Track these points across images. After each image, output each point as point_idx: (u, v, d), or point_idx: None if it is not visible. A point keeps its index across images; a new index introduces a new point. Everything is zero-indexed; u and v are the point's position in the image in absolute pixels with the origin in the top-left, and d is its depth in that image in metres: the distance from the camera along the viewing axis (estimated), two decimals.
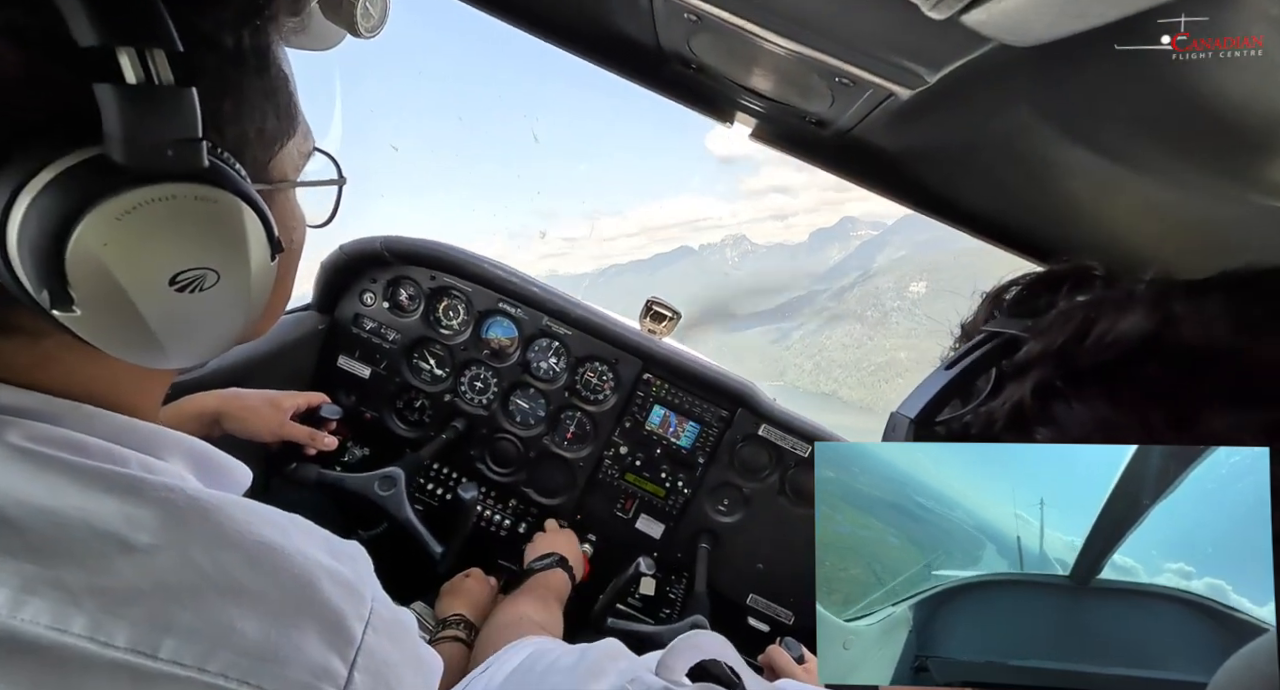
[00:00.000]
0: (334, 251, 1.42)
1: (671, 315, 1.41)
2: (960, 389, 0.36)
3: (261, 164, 0.42)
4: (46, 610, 0.31)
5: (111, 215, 0.32)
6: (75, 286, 0.33)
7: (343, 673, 0.37)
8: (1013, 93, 0.55)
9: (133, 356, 0.38)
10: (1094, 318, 0.32)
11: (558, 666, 0.53)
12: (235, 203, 0.36)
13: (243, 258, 0.38)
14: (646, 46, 0.76)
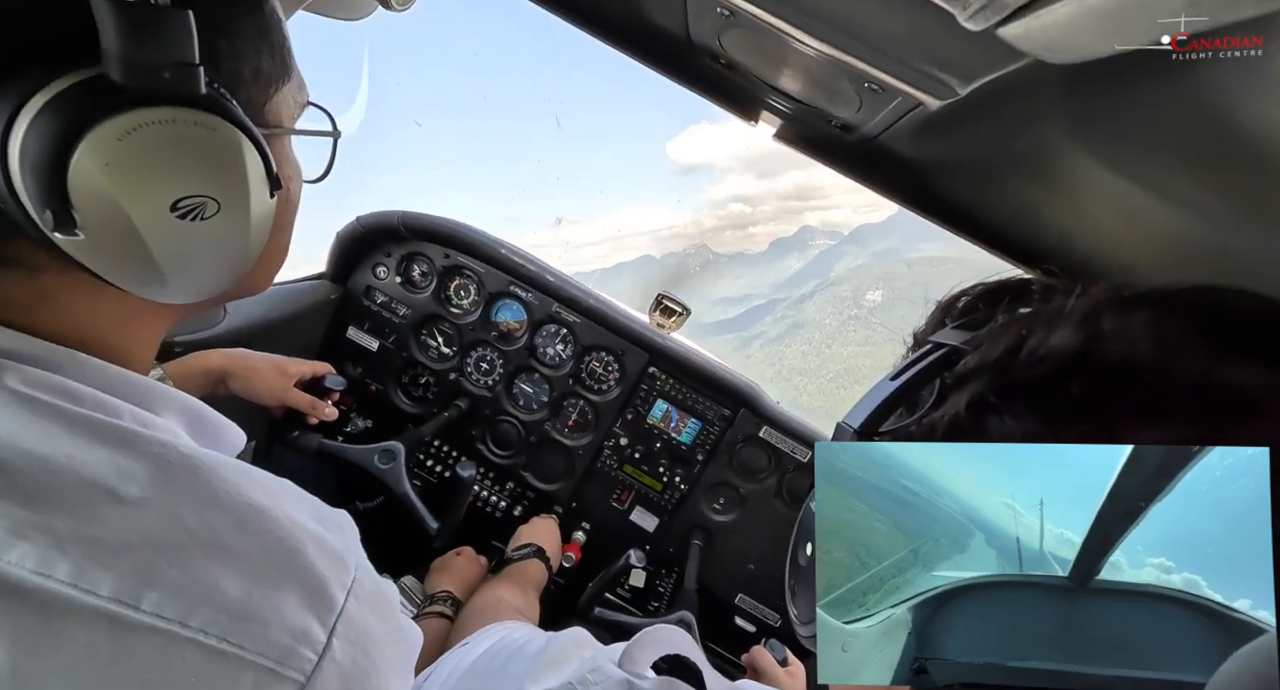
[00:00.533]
0: (350, 222, 1.43)
1: (681, 311, 1.41)
2: (905, 399, 0.36)
3: (257, 105, 0.43)
4: (32, 554, 0.31)
5: (112, 135, 0.33)
6: (78, 208, 0.33)
7: (321, 638, 0.37)
8: (1043, 110, 0.54)
9: (134, 285, 0.38)
10: (1027, 332, 0.32)
11: (523, 653, 0.53)
12: (234, 133, 0.37)
13: (242, 189, 0.39)
14: (677, 38, 0.75)
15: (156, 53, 0.33)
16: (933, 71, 0.54)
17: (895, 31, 0.52)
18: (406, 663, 0.45)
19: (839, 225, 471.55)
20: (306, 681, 0.35)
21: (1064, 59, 0.43)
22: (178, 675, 0.32)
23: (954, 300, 0.40)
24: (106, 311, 0.41)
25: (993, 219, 0.75)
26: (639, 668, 0.50)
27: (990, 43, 0.43)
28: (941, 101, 0.56)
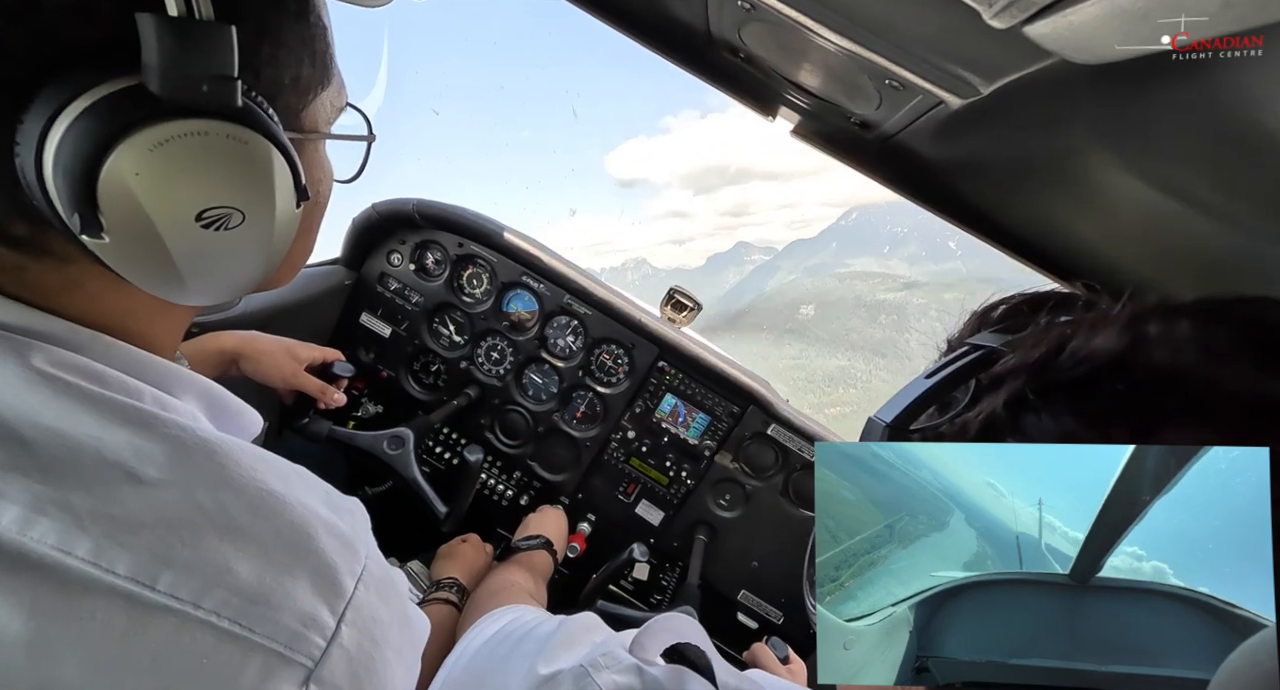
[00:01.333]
0: (366, 209, 1.44)
1: (692, 306, 1.41)
2: (938, 398, 0.37)
3: (294, 112, 0.43)
4: (53, 531, 0.32)
5: (145, 145, 0.33)
6: (105, 213, 0.34)
7: (331, 624, 0.37)
8: (1068, 112, 0.52)
9: (155, 288, 0.39)
10: (1070, 334, 0.33)
11: (535, 634, 0.54)
12: (265, 146, 0.37)
13: (268, 201, 0.39)
14: (696, 30, 0.74)
15: (196, 65, 0.33)
16: (955, 69, 0.53)
17: (918, 28, 0.51)
18: (413, 650, 0.46)
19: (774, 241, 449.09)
20: (314, 667, 0.36)
21: (1091, 59, 0.42)
22: (189, 655, 0.33)
23: (991, 308, 0.41)
24: (132, 302, 0.42)
25: (1011, 221, 0.74)
26: (649, 654, 0.50)
27: (1015, 41, 0.42)
28: (963, 100, 0.55)
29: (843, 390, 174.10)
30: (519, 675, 0.47)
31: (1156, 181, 0.54)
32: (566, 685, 0.44)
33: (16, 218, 0.36)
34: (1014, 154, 0.63)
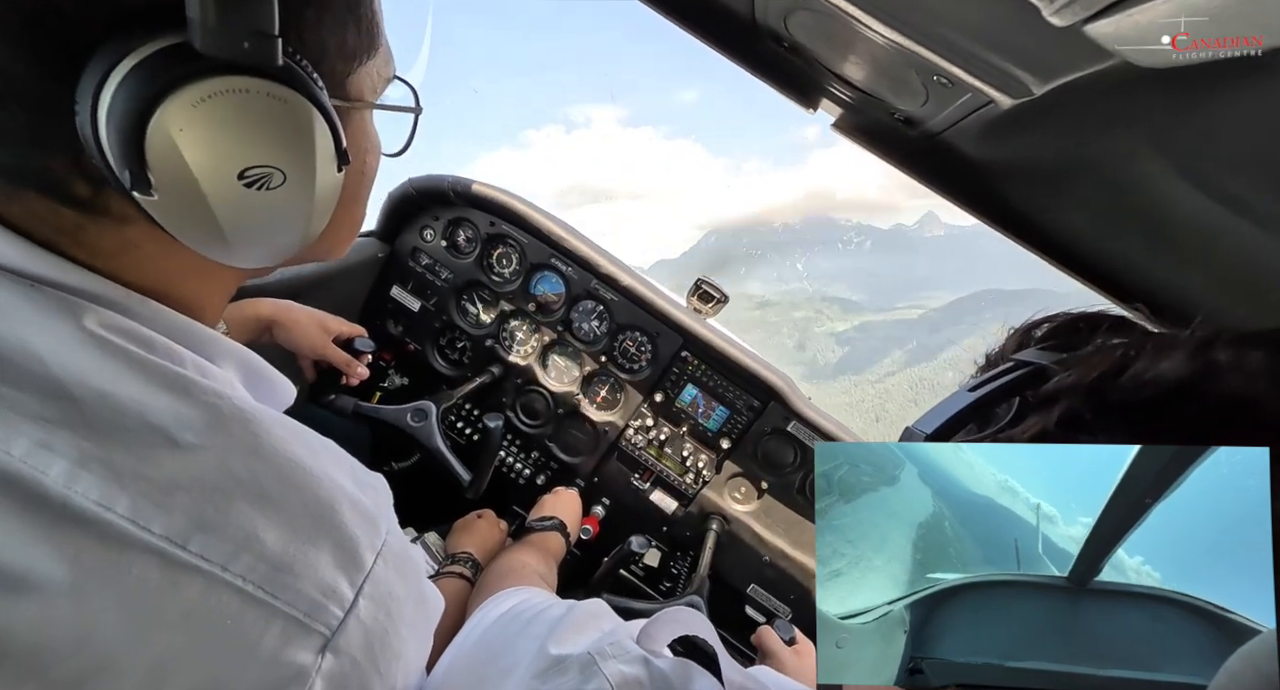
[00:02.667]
0: (402, 183, 1.45)
1: (719, 297, 1.40)
2: (979, 413, 0.36)
3: (339, 78, 0.43)
4: (96, 487, 0.33)
5: (188, 101, 0.34)
6: (153, 169, 0.34)
7: (349, 596, 0.38)
8: (1126, 116, 0.50)
9: (202, 247, 0.40)
10: (1133, 356, 0.32)
11: (544, 617, 0.55)
12: (306, 106, 0.37)
13: (309, 162, 0.39)
14: (741, 18, 0.73)
15: (238, 22, 0.34)
16: (1008, 67, 0.51)
17: (972, 23, 0.50)
18: (427, 625, 0.47)
19: (638, 262, 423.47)
20: (331, 636, 0.37)
21: (1156, 62, 0.40)
22: (216, 615, 0.34)
23: (1035, 325, 0.41)
24: (183, 265, 0.43)
25: (1056, 227, 0.72)
26: (656, 646, 0.50)
27: (1075, 40, 0.40)
28: (1015, 100, 0.53)
29: None
30: (528, 655, 0.48)
31: (1218, 193, 0.51)
32: (574, 672, 0.45)
33: (78, 177, 0.37)
34: (1064, 158, 0.61)
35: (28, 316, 0.36)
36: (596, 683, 0.43)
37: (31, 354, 0.35)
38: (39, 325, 0.36)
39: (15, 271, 0.37)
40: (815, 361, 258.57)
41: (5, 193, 0.37)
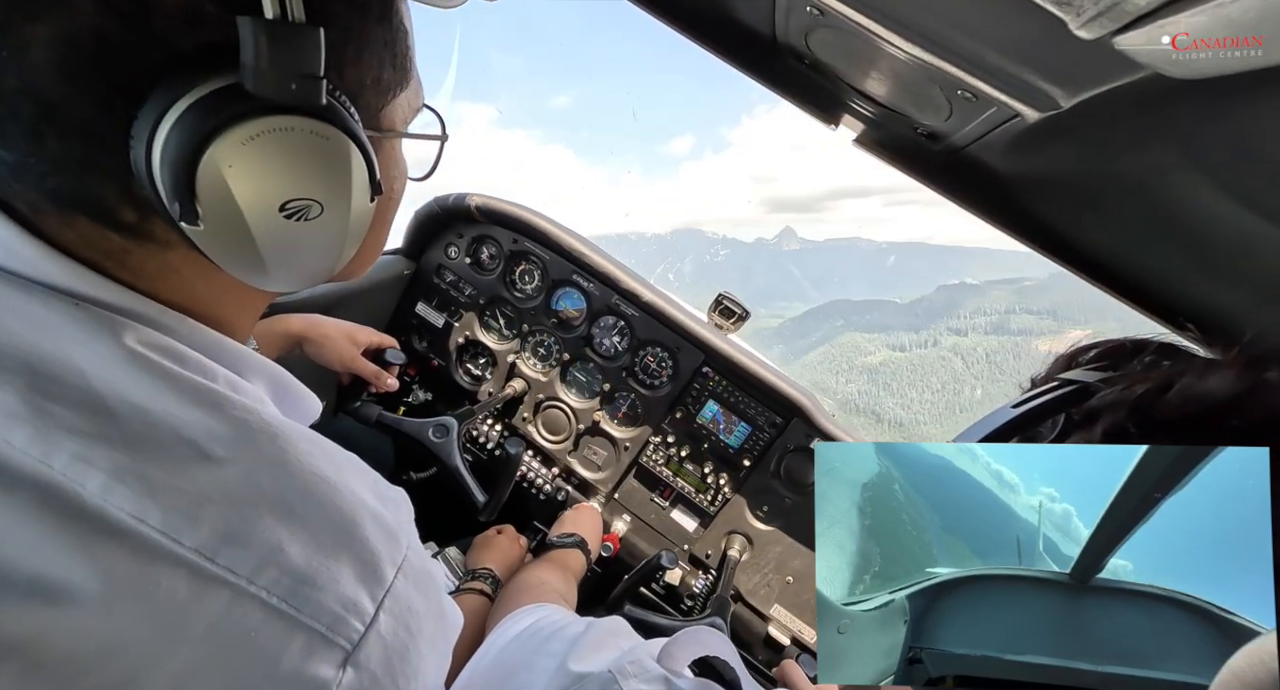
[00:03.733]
0: (428, 202, 1.48)
1: (741, 313, 1.39)
2: (1023, 429, 0.36)
3: (374, 111, 0.45)
4: (130, 499, 0.34)
5: (238, 140, 0.36)
6: (201, 202, 0.36)
7: (370, 610, 0.39)
8: (1158, 129, 0.49)
9: (240, 273, 0.41)
10: (1180, 372, 0.32)
11: (564, 634, 0.54)
12: (345, 142, 0.39)
13: (345, 195, 0.41)
14: (762, 36, 0.73)
15: (287, 65, 0.36)
16: (1034, 81, 0.50)
17: (996, 37, 0.49)
18: (445, 640, 0.47)
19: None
20: (352, 650, 0.37)
21: (1190, 74, 0.39)
22: (240, 627, 0.34)
23: (1082, 350, 0.41)
24: (218, 287, 0.45)
25: (1086, 243, 0.70)
26: (677, 665, 0.50)
27: (1103, 52, 0.39)
28: (1041, 114, 0.53)
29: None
30: (547, 673, 0.47)
31: (1256, 206, 0.50)
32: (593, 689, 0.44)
33: (127, 205, 0.39)
34: (1093, 172, 0.59)
35: (71, 333, 0.37)
36: None
37: (74, 369, 0.36)
38: (81, 342, 0.37)
39: (60, 290, 0.39)
40: None
41: (57, 217, 0.39)
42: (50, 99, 0.34)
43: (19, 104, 0.34)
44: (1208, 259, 0.60)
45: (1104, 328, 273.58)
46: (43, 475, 0.33)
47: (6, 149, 0.36)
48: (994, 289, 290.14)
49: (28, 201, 0.39)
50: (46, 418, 0.34)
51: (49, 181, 0.37)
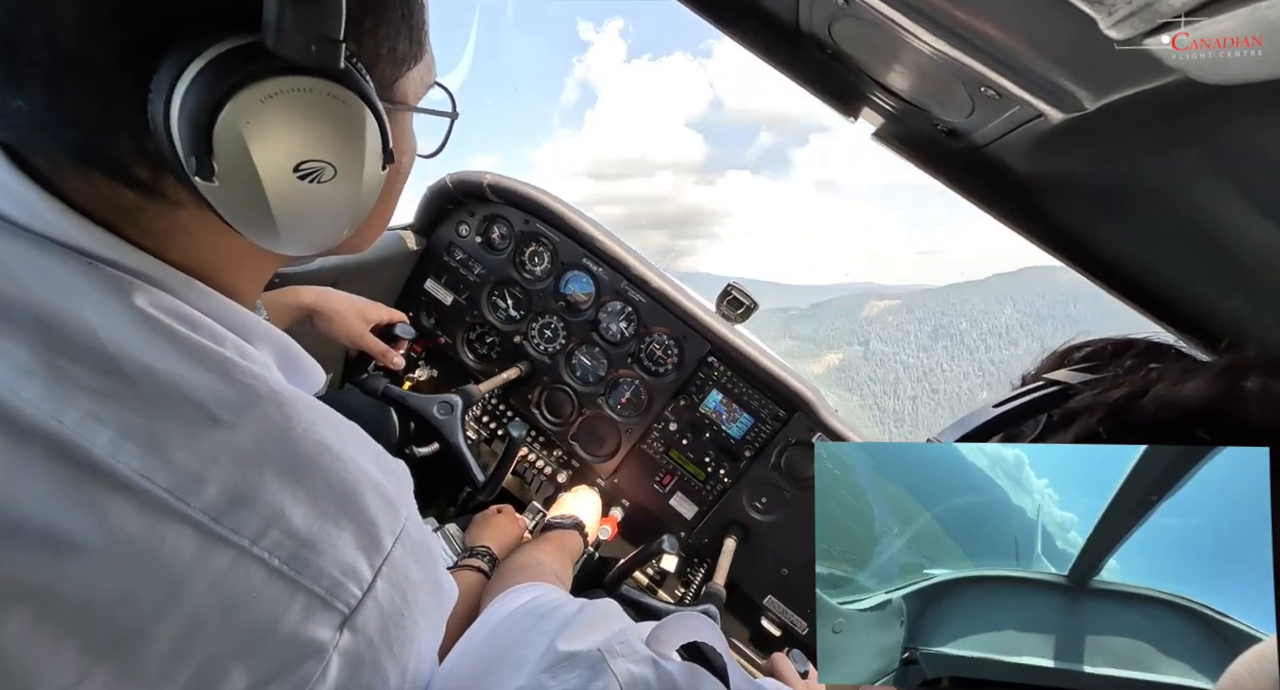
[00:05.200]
0: (441, 179, 1.48)
1: (748, 304, 1.38)
2: (1004, 428, 0.36)
3: (388, 82, 0.45)
4: (138, 457, 0.35)
5: (257, 97, 0.36)
6: (217, 158, 0.36)
7: (368, 577, 0.40)
8: (1185, 134, 0.48)
9: (252, 233, 0.42)
10: (1157, 378, 0.32)
11: (557, 613, 0.55)
12: (360, 107, 0.39)
13: (358, 160, 0.41)
14: (785, 23, 0.72)
15: (307, 26, 0.36)
16: (1061, 81, 0.49)
17: (1024, 34, 0.48)
18: (440, 611, 0.48)
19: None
20: (350, 614, 0.38)
21: (1221, 79, 0.38)
22: (242, 587, 0.35)
23: (1075, 348, 0.41)
24: (228, 250, 0.45)
25: (1104, 247, 0.69)
26: (665, 649, 0.50)
27: (1133, 54, 0.38)
28: (1065, 114, 0.52)
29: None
30: (538, 651, 0.48)
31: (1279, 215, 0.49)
32: (583, 668, 0.45)
33: (142, 161, 0.39)
34: (1115, 175, 0.58)
35: (84, 292, 0.38)
36: (604, 681, 0.44)
37: (87, 329, 0.36)
38: (94, 301, 0.38)
39: (75, 248, 0.39)
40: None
41: (73, 172, 0.40)
42: (71, 49, 0.35)
43: (39, 53, 0.35)
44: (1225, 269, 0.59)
45: (852, 353, 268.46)
46: (54, 430, 0.34)
47: (26, 100, 0.36)
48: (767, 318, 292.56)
49: (47, 155, 0.39)
50: (59, 374, 0.35)
51: (67, 134, 0.38)
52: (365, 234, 0.54)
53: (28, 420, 0.33)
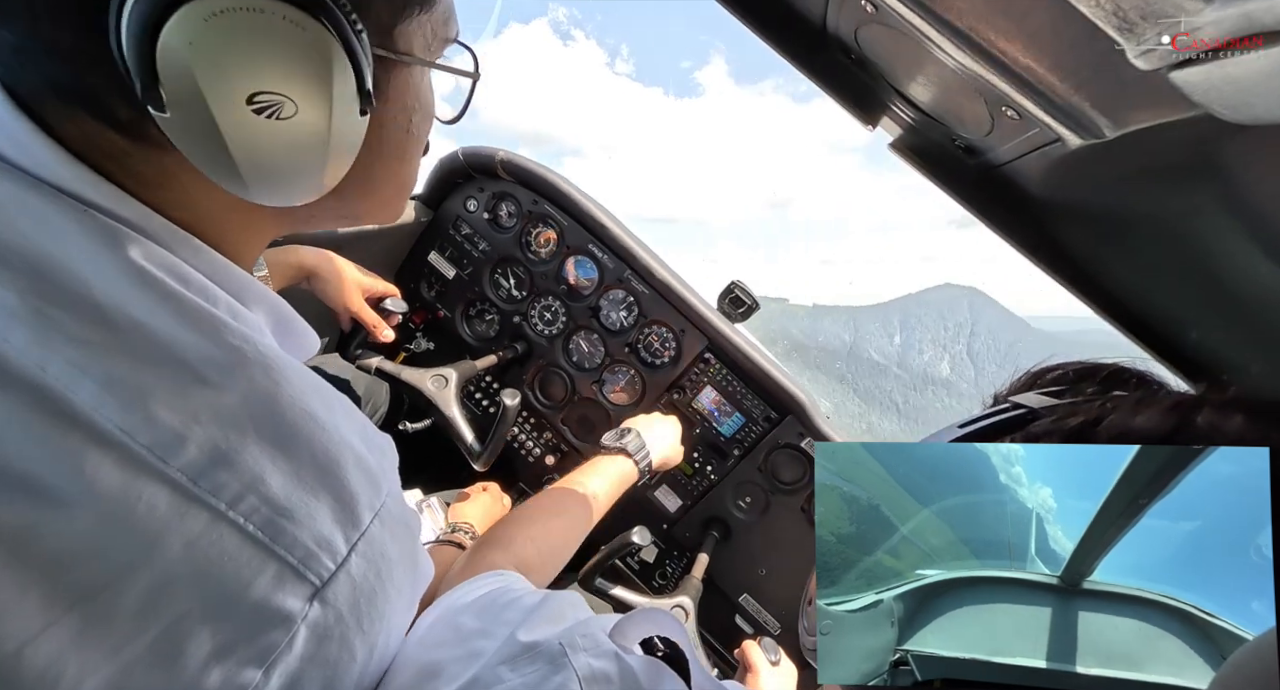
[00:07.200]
0: (452, 152, 1.47)
1: (750, 304, 1.38)
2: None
3: (386, 27, 0.42)
4: (119, 412, 0.34)
5: (200, 14, 0.33)
6: (164, 84, 0.34)
7: (343, 551, 0.39)
8: (1201, 171, 0.48)
9: (213, 173, 0.39)
10: (1111, 408, 0.33)
11: (519, 604, 0.55)
12: (324, 37, 0.36)
13: (323, 97, 0.38)
14: (811, 25, 0.71)
15: None
16: (1082, 107, 0.49)
17: (1050, 56, 0.48)
18: (414, 589, 0.47)
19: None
20: (321, 586, 0.38)
21: (1245, 119, 0.37)
22: (215, 550, 0.35)
23: (1047, 369, 0.42)
24: (221, 205, 0.44)
25: (1108, 277, 0.69)
26: (629, 643, 0.50)
27: (1157, 86, 0.38)
28: (1084, 141, 0.51)
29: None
30: (498, 640, 0.48)
31: None
32: (543, 661, 0.45)
33: (120, 100, 0.37)
34: (1126, 205, 0.58)
35: (79, 241, 0.37)
36: (564, 675, 0.43)
37: (78, 277, 0.36)
38: (88, 251, 0.37)
39: (69, 194, 0.38)
40: None
41: (61, 113, 0.38)
42: None
43: None
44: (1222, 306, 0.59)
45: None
46: (37, 378, 0.33)
47: (10, 29, 0.35)
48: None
49: (33, 91, 0.38)
50: (46, 322, 0.34)
51: (47, 67, 0.36)
52: (382, 198, 0.51)
53: (13, 367, 0.33)
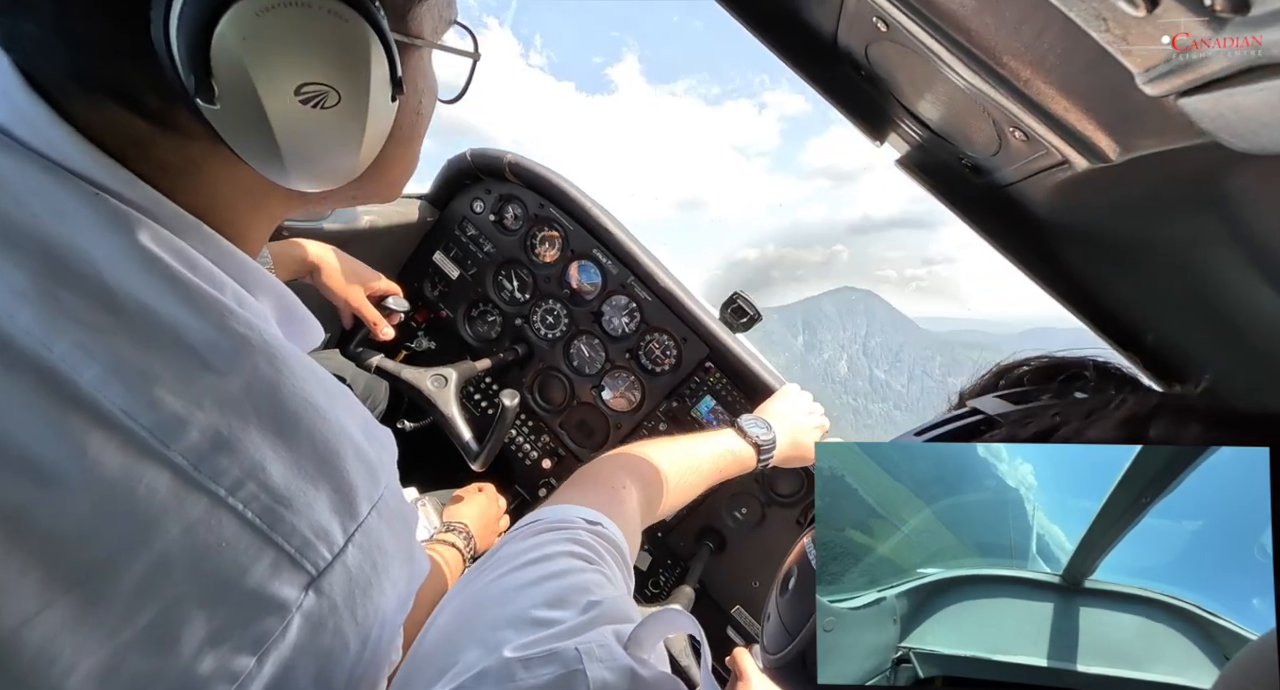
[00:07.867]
0: (460, 153, 1.48)
1: (752, 314, 1.38)
2: None
3: (400, 12, 0.43)
4: (123, 394, 0.35)
5: (253, 10, 0.35)
6: (216, 77, 0.35)
7: (340, 541, 0.39)
8: (1206, 199, 0.48)
9: (257, 161, 0.41)
10: (1064, 420, 0.32)
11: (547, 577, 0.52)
12: (365, 29, 0.38)
13: (364, 85, 0.39)
14: (822, 39, 0.72)
15: None
16: (1090, 131, 0.49)
17: (1060, 79, 0.48)
18: (409, 583, 0.47)
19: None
20: (317, 576, 0.38)
21: (1253, 149, 0.37)
22: (213, 535, 0.35)
23: (1013, 367, 0.41)
24: (238, 189, 0.44)
25: (1109, 300, 0.69)
26: (644, 652, 0.48)
27: (1166, 112, 0.38)
28: (1090, 165, 0.51)
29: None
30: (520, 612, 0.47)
31: None
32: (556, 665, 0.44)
33: (152, 91, 0.38)
34: (1129, 229, 0.58)
35: (89, 223, 0.37)
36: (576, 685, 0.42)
37: (87, 260, 0.36)
38: (98, 233, 0.37)
39: (82, 176, 0.38)
40: None
41: (84, 101, 0.39)
42: None
43: None
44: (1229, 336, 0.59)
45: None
46: (42, 358, 0.34)
47: (35, 22, 0.35)
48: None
49: (55, 82, 0.38)
50: (54, 302, 0.35)
51: (76, 58, 0.37)
52: (389, 179, 0.52)
53: (19, 346, 0.33)
